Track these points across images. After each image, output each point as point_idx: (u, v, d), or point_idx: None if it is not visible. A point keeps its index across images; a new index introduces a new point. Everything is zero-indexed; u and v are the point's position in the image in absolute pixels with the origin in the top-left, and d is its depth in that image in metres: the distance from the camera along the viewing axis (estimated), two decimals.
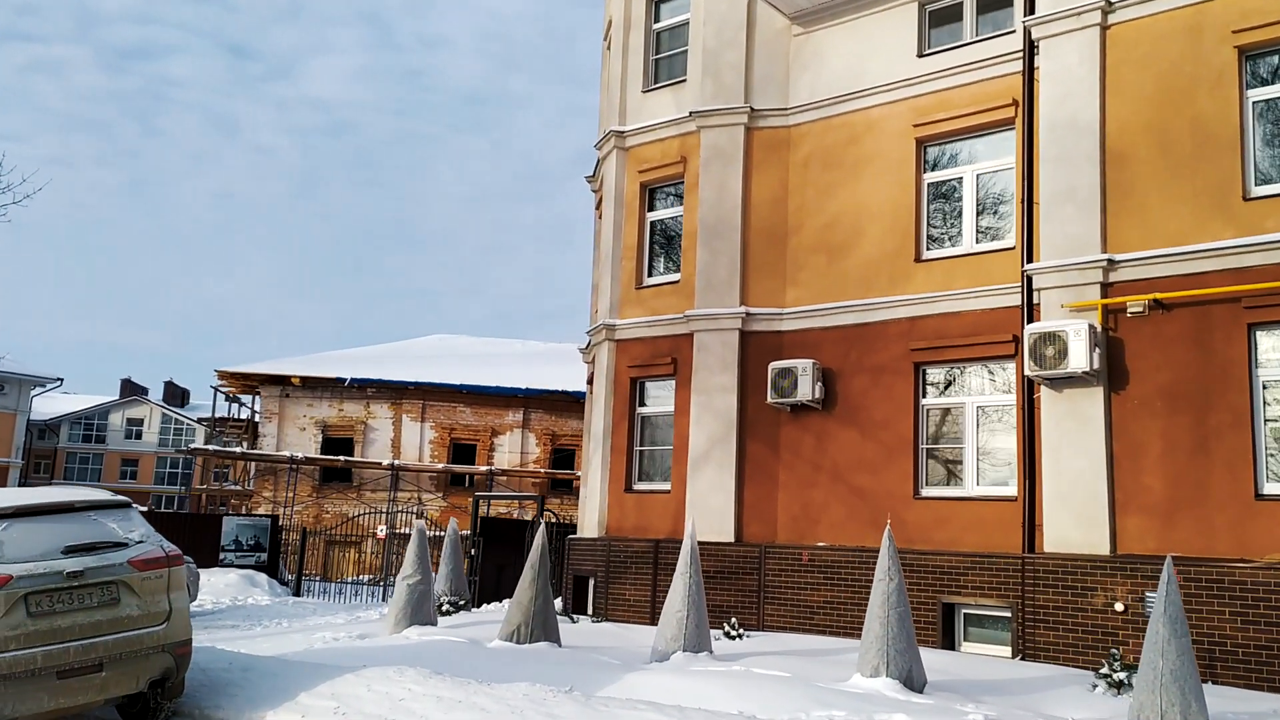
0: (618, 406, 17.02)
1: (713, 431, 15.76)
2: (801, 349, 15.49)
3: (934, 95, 14.78)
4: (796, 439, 15.43)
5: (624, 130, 17.57)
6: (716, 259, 16.14)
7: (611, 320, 17.18)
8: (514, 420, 36.80)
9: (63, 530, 7.36)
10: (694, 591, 10.28)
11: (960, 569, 13.38)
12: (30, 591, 6.92)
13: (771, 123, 16.30)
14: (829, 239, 15.59)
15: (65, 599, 7.08)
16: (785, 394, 15.10)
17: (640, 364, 16.87)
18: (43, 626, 6.92)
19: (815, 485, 15.15)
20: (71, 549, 7.26)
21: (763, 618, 14.96)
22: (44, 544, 7.18)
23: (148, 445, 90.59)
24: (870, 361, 14.88)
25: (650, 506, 16.38)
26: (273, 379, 35.44)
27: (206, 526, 25.51)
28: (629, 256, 17.35)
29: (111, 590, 7.32)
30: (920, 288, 14.55)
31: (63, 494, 7.91)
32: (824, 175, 15.77)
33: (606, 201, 17.88)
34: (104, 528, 7.57)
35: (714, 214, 16.24)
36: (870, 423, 14.76)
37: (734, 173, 16.22)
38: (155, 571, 7.57)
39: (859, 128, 15.53)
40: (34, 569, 6.98)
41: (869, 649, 8.79)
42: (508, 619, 11.41)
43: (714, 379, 15.88)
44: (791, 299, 15.83)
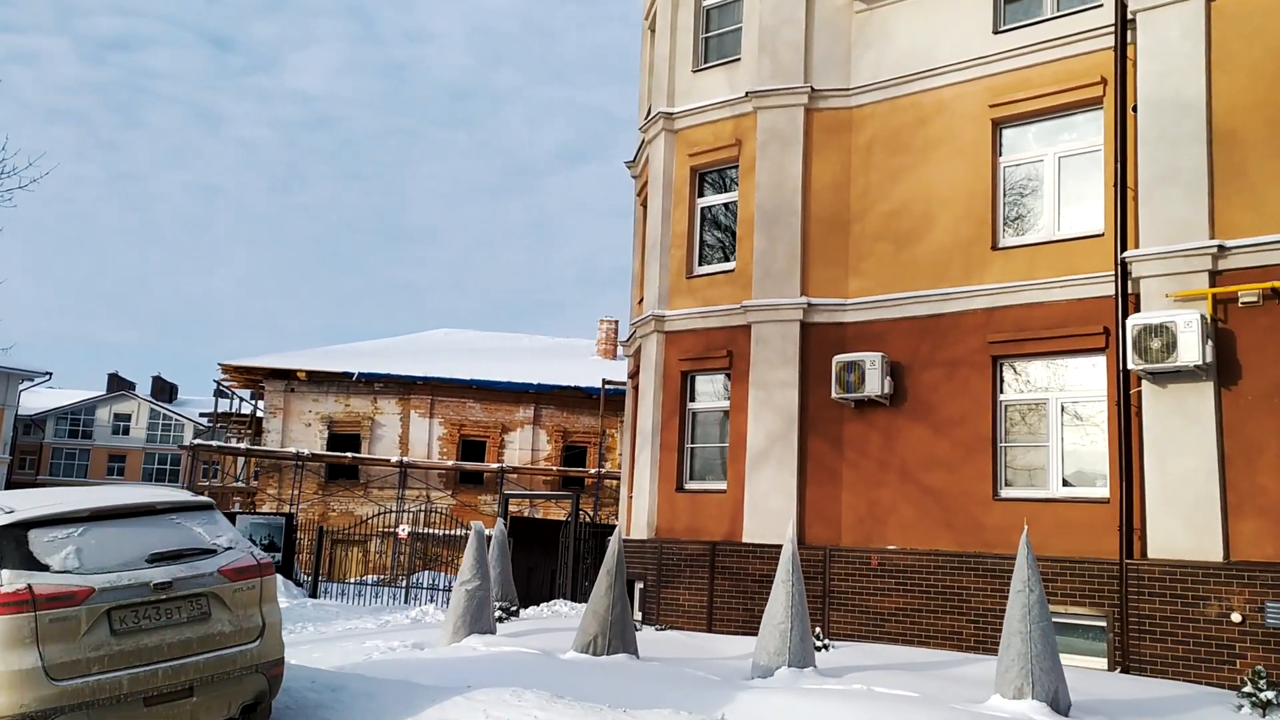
0: (667, 402, 16.20)
1: (772, 428, 14.95)
2: (866, 341, 14.70)
3: (1011, 74, 14.00)
4: (861, 436, 14.64)
5: (673, 112, 16.73)
6: (775, 247, 15.33)
7: (660, 311, 16.34)
8: (525, 416, 35.89)
9: (145, 535, 6.50)
10: (797, 601, 9.48)
11: (1048, 575, 12.59)
12: (114, 606, 6.07)
13: (832, 104, 15.50)
14: (896, 226, 14.79)
15: (152, 614, 6.23)
16: (851, 389, 14.31)
17: (692, 357, 16.05)
18: (128, 646, 6.06)
19: (883, 485, 14.36)
20: (157, 557, 6.40)
21: (828, 626, 14.15)
22: (126, 551, 6.32)
23: (135, 441, 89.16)
24: (943, 355, 14.10)
25: (704, 507, 15.56)
26: (277, 373, 34.43)
27: None
28: (678, 244, 16.51)
29: (201, 603, 6.47)
30: (998, 277, 13.77)
31: (140, 494, 7.04)
32: (890, 159, 14.97)
33: (653, 187, 17.03)
34: (189, 532, 6.72)
35: (772, 199, 15.43)
36: (943, 419, 13.98)
37: (793, 156, 15.41)
38: (247, 582, 6.72)
39: (928, 109, 14.74)
40: (117, 580, 6.12)
41: (1010, 667, 8.00)
42: (582, 629, 10.58)
43: (773, 373, 15.08)
44: (855, 289, 15.03)
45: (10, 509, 6.26)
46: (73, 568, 6.03)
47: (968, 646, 13.01)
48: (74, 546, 6.14)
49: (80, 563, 6.08)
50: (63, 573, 5.99)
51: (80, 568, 6.06)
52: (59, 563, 6.03)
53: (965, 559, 13.32)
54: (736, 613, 14.73)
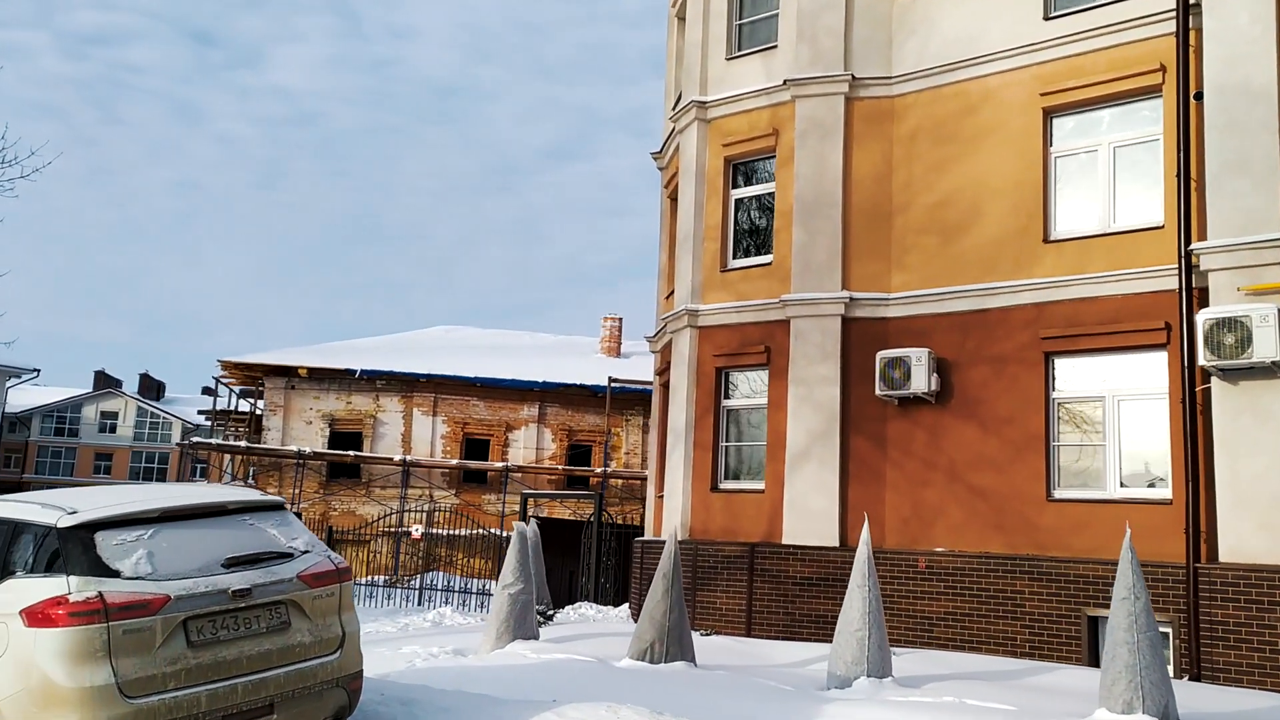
0: (701, 399, 15.72)
1: (812, 426, 14.50)
2: (910, 337, 14.26)
3: (1064, 61, 13.57)
4: (906, 434, 14.20)
5: (706, 101, 16.25)
6: (815, 240, 14.87)
7: (694, 305, 15.86)
8: (529, 415, 35.35)
9: (218, 537, 5.99)
10: (874, 607, 9.02)
11: (1108, 579, 12.15)
12: (191, 616, 5.56)
13: (874, 92, 15.05)
14: (941, 218, 14.35)
15: (230, 624, 5.73)
16: (896, 385, 13.87)
17: (727, 353, 15.58)
18: (206, 659, 5.56)
19: (929, 485, 13.92)
20: (233, 561, 5.89)
21: None
22: (200, 555, 5.82)
23: (123, 439, 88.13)
24: (992, 351, 13.67)
25: (740, 507, 15.10)
26: (278, 370, 33.79)
27: None
28: (712, 237, 16.04)
29: (280, 612, 5.96)
30: (1050, 271, 13.35)
31: (208, 492, 6.54)
32: (934, 149, 14.53)
33: (684, 178, 16.55)
34: (264, 534, 6.21)
35: (811, 191, 14.97)
36: (993, 417, 13.54)
37: (833, 146, 14.96)
38: (326, 588, 6.22)
39: (975, 97, 14.30)
40: (193, 587, 5.62)
41: (1117, 680, 7.55)
42: (638, 635, 10.10)
43: (814, 369, 14.62)
44: (898, 283, 14.58)
45: (73, 509, 5.75)
46: (145, 574, 5.53)
47: (1023, 653, 12.58)
48: (145, 550, 5.63)
49: (153, 568, 5.58)
50: (135, 579, 5.49)
51: (153, 573, 5.56)
52: (130, 568, 5.53)
53: (1018, 562, 12.89)
54: (777, 616, 14.27)
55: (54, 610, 5.29)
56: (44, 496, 6.27)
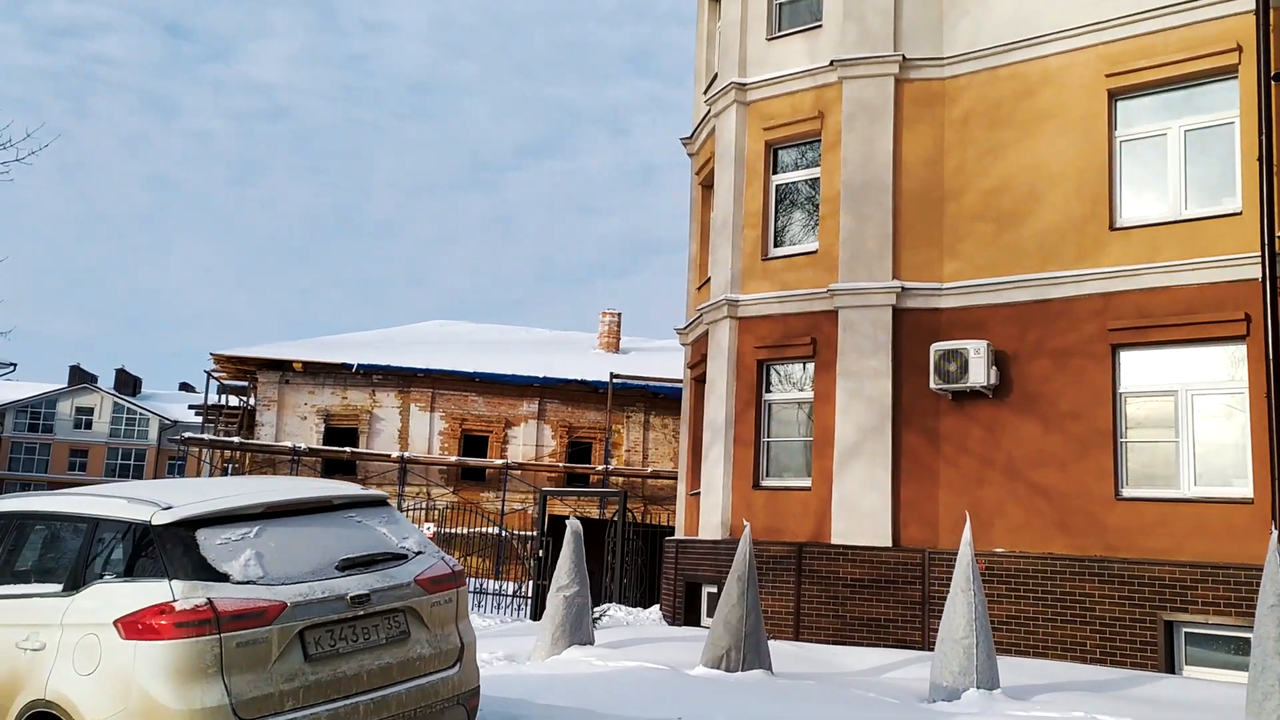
0: (742, 393, 15.08)
1: (862, 421, 13.89)
2: (964, 329, 13.67)
3: (1130, 41, 13.01)
4: (961, 430, 13.61)
5: (745, 83, 15.61)
6: (864, 227, 14.26)
7: (734, 295, 15.22)
8: (529, 411, 34.63)
9: (328, 537, 5.30)
10: (980, 613, 8.41)
11: (1185, 582, 11.65)
12: (308, 625, 4.88)
13: (924, 74, 14.45)
14: (997, 205, 13.77)
15: (349, 635, 5.05)
16: (952, 379, 13.27)
17: (770, 345, 14.94)
18: (325, 675, 4.88)
19: (986, 483, 13.34)
20: (348, 563, 5.20)
21: (928, 634, 13.11)
22: (312, 556, 5.13)
23: (98, 435, 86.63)
24: (1054, 343, 13.10)
25: (785, 505, 14.47)
26: (271, 364, 32.90)
27: None
28: (752, 224, 15.40)
29: (399, 621, 5.29)
30: (1117, 260, 12.79)
31: (308, 486, 5.83)
32: (989, 133, 13.95)
33: (721, 163, 15.90)
34: (373, 533, 5.52)
35: (860, 176, 14.36)
36: (1055, 412, 12.97)
37: (883, 130, 14.35)
38: (444, 594, 5.55)
39: (1033, 79, 13.73)
40: (309, 593, 4.93)
41: (1270, 695, 6.95)
42: (712, 642, 9.45)
43: (863, 362, 14.01)
44: (950, 272, 14.00)
45: (168, 504, 5.04)
46: (256, 577, 4.84)
47: (1093, 659, 12.02)
48: (253, 551, 4.94)
49: (264, 571, 4.88)
50: (245, 583, 4.79)
51: (264, 577, 4.86)
52: (239, 571, 4.83)
53: (1086, 564, 12.33)
54: (826, 620, 13.66)
55: (157, 620, 4.59)
56: (124, 489, 5.56)
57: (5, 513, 5.82)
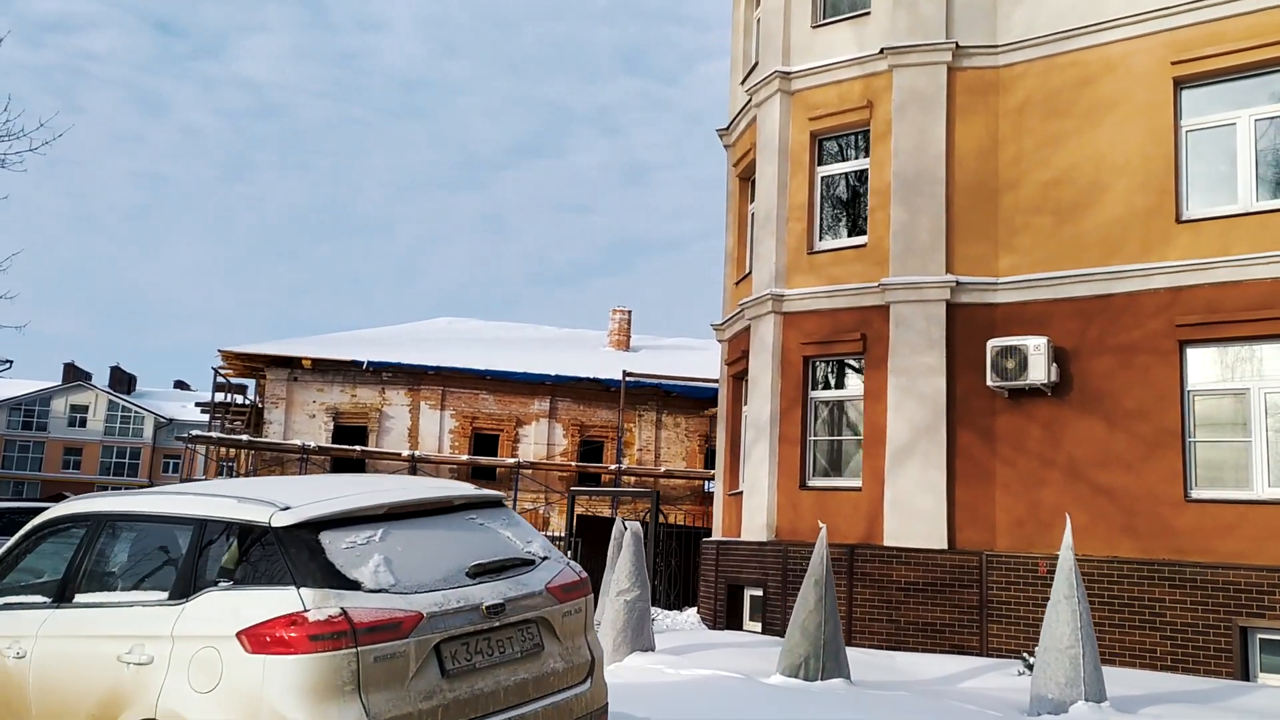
0: (787, 390, 14.64)
1: (916, 419, 13.46)
2: (1021, 325, 13.25)
3: (1197, 28, 12.61)
4: (1018, 429, 13.19)
5: (790, 71, 15.16)
6: (916, 219, 13.83)
7: (779, 290, 14.77)
8: (540, 409, 34.12)
9: (453, 540, 4.84)
10: (1085, 621, 7.98)
11: (1262, 587, 11.24)
12: (444, 638, 4.41)
13: (978, 62, 14.02)
14: (1055, 197, 13.35)
15: (485, 648, 4.59)
16: (1010, 376, 12.85)
17: (817, 340, 14.50)
18: (462, 692, 4.42)
19: (1045, 484, 12.92)
20: (480, 570, 4.74)
21: (986, 639, 12.70)
22: (442, 562, 4.66)
23: (93, 433, 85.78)
24: (1117, 339, 12.69)
25: (834, 506, 14.03)
26: (279, 361, 32.31)
27: None
28: (797, 217, 14.95)
29: (532, 633, 4.84)
30: (1185, 253, 12.38)
31: (425, 485, 5.37)
32: (1047, 123, 13.53)
33: (763, 154, 15.45)
34: (497, 536, 5.07)
35: (911, 167, 13.93)
36: (1119, 411, 12.56)
37: (935, 120, 13.92)
38: (574, 603, 5.11)
39: (1094, 67, 13.31)
40: (444, 602, 4.46)
41: None
42: (789, 649, 9.01)
43: (916, 358, 13.58)
44: (1006, 266, 13.57)
45: (285, 504, 4.57)
46: (388, 585, 4.37)
47: (1164, 666, 11.61)
48: (381, 555, 4.47)
49: (395, 578, 4.41)
50: (378, 591, 4.32)
51: (396, 585, 4.39)
52: (370, 578, 4.36)
53: (1155, 567, 11.92)
54: (880, 624, 13.22)
55: (287, 631, 4.13)
56: (225, 487, 5.09)
57: (89, 514, 5.35)
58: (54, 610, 5.07)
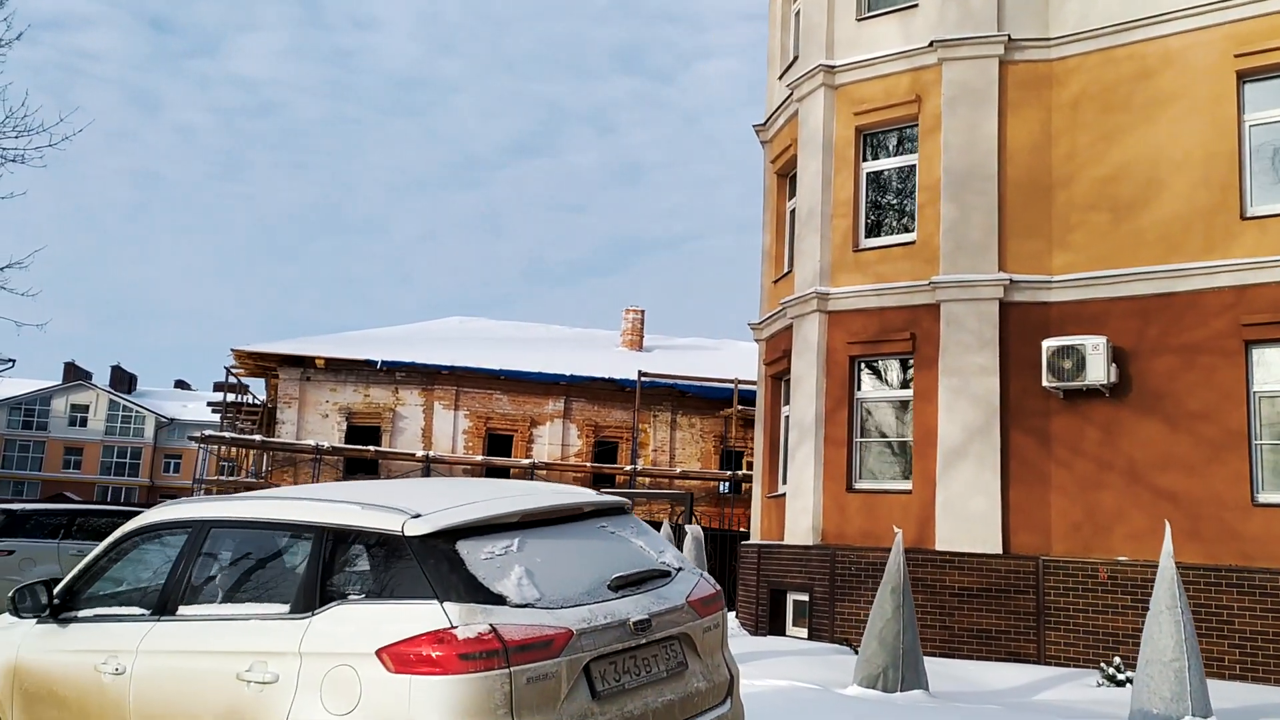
0: (832, 390, 14.31)
1: (968, 421, 13.13)
2: (1077, 324, 12.93)
3: (1261, 20, 12.30)
4: (1074, 431, 12.86)
5: (834, 65, 14.83)
6: (967, 216, 13.50)
7: (824, 288, 14.44)
8: (554, 410, 33.76)
9: (588, 550, 4.51)
10: (1189, 633, 7.65)
11: None
12: (595, 656, 4.07)
13: (1030, 55, 13.69)
14: (1113, 193, 13.03)
15: (633, 667, 4.24)
16: (1068, 377, 12.52)
17: (864, 340, 14.17)
18: (613, 715, 4.07)
19: (1104, 487, 12.59)
20: (622, 582, 4.40)
21: (1043, 647, 12.38)
22: (583, 573, 4.32)
23: (93, 433, 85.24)
24: (1179, 339, 12.36)
25: (883, 509, 13.69)
26: (292, 360, 31.93)
27: None
28: (842, 214, 14.62)
29: (675, 650, 4.49)
30: (1251, 250, 12.06)
31: (550, 490, 5.02)
32: (1103, 118, 13.20)
33: (806, 150, 15.12)
34: (630, 545, 4.72)
35: (962, 163, 13.60)
36: (1181, 413, 12.24)
37: (987, 114, 13.59)
38: (713, 617, 4.77)
39: (1152, 60, 12.99)
40: (591, 618, 4.11)
41: None
42: (866, 659, 8.69)
43: (969, 358, 13.26)
44: (1061, 264, 13.25)
45: (415, 510, 4.21)
46: (533, 599, 4.02)
47: (1232, 675, 11.30)
48: (521, 566, 4.11)
49: (539, 592, 4.06)
50: (524, 606, 3.97)
51: (541, 599, 4.04)
52: (515, 591, 4.01)
53: (1222, 574, 11.60)
54: (933, 630, 12.88)
55: (434, 649, 3.78)
56: (347, 492, 4.72)
57: (190, 519, 4.99)
58: (155, 623, 4.72)
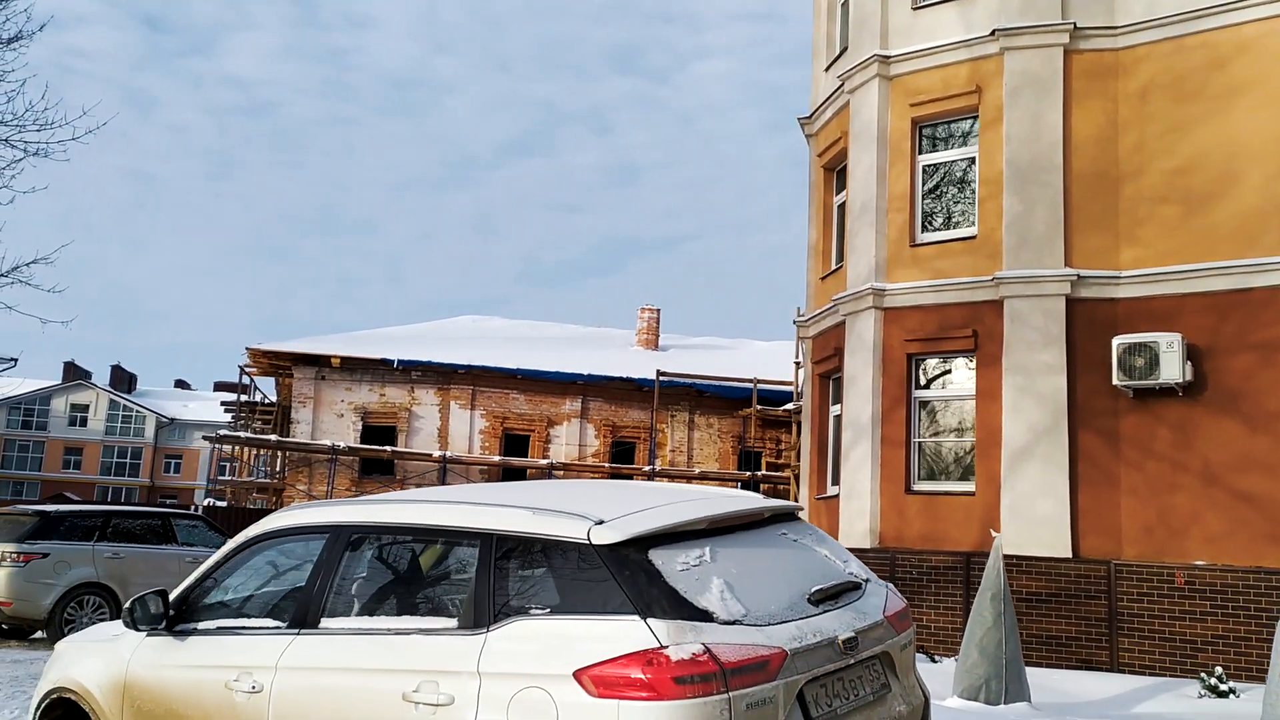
0: (889, 389, 13.90)
1: (1035, 420, 12.73)
2: (1149, 320, 12.53)
3: None
4: (1145, 431, 12.47)
5: (889, 55, 14.43)
6: (1031, 210, 13.10)
7: (880, 284, 14.04)
8: (572, 409, 33.33)
9: (778, 559, 4.11)
10: None
11: None
12: (808, 680, 3.67)
13: (1095, 44, 13.30)
14: (1184, 186, 12.63)
15: (842, 691, 3.84)
16: (1139, 375, 12.13)
17: (922, 337, 13.76)
18: None
19: (1178, 489, 12.20)
20: (822, 595, 4.00)
21: (1116, 654, 11.98)
22: (781, 587, 3.91)
23: (93, 433, 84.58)
24: (1258, 335, 11.98)
25: (944, 511, 13.30)
26: (307, 359, 31.45)
27: None
28: (898, 208, 14.22)
29: (877, 671, 4.10)
30: None
31: (719, 496, 4.61)
32: (1173, 109, 12.81)
33: (859, 142, 14.71)
34: (815, 555, 4.32)
35: (1025, 155, 13.21)
36: (1261, 412, 11.86)
37: (1051, 104, 13.19)
38: (908, 634, 4.41)
39: (1225, 48, 12.60)
40: (799, 635, 3.71)
41: None
42: (966, 669, 8.30)
43: (1034, 356, 12.86)
44: (1129, 259, 12.85)
45: (597, 516, 3.81)
46: (739, 615, 3.61)
47: None
48: (720, 579, 3.70)
49: (744, 607, 3.65)
50: (731, 624, 3.56)
51: (748, 615, 3.63)
52: (720, 607, 3.60)
53: None
54: None
55: (643, 671, 3.36)
56: (510, 496, 4.30)
57: (328, 524, 4.57)
58: (295, 636, 4.30)
